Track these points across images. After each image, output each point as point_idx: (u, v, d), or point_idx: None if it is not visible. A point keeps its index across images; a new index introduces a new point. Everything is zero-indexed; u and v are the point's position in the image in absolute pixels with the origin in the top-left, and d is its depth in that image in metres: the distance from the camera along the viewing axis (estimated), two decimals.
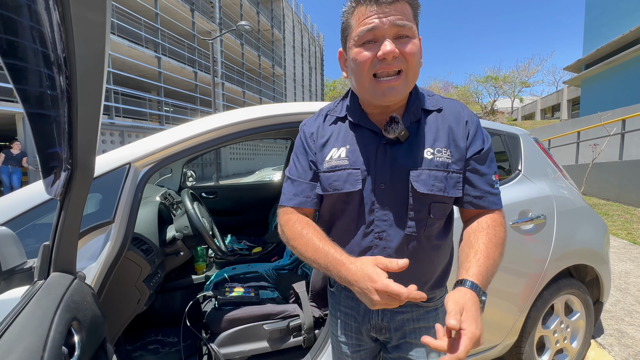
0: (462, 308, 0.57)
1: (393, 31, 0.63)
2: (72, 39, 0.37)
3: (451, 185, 0.71)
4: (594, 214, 1.84)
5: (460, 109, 0.76)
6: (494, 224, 0.71)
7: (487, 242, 0.67)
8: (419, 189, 0.69)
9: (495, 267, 0.67)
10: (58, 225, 0.71)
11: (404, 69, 0.66)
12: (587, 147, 7.50)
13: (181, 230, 1.64)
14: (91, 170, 0.70)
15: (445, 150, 0.71)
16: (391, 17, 0.63)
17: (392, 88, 0.66)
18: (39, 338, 0.50)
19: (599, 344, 1.99)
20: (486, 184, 0.73)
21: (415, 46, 0.65)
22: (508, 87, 32.96)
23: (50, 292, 0.64)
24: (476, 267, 0.64)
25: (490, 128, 1.68)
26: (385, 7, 0.63)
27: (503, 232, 0.71)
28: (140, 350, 1.59)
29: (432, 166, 0.70)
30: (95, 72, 0.44)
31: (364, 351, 0.87)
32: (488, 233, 0.69)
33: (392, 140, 0.72)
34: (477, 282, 0.62)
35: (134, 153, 1.11)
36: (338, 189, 0.73)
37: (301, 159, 0.79)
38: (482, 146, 0.73)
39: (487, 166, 0.73)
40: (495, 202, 0.73)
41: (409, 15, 0.65)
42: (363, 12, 0.65)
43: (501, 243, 0.70)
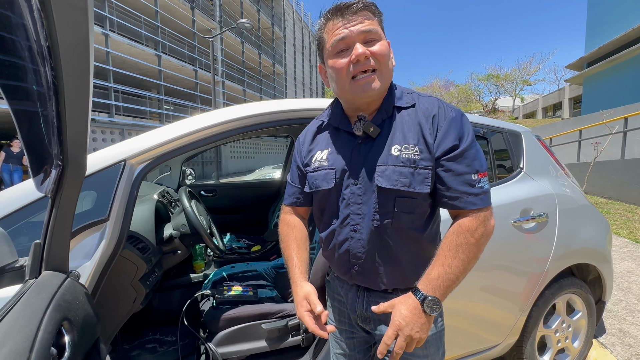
0: (393, 305, 0.72)
1: (361, 37, 0.71)
2: (53, 26, 0.35)
3: (418, 181, 0.73)
4: (597, 213, 1.82)
5: (433, 105, 0.77)
6: (459, 230, 0.72)
7: (445, 251, 0.71)
8: (382, 184, 0.74)
9: (454, 273, 0.70)
10: (49, 223, 0.70)
11: (377, 67, 0.73)
12: (589, 146, 7.45)
13: (178, 229, 1.62)
14: (83, 166, 0.69)
15: (412, 147, 0.73)
16: (358, 25, 0.71)
17: (369, 84, 0.73)
18: (26, 338, 0.49)
19: (601, 343, 1.97)
20: (463, 183, 0.72)
21: (384, 46, 0.73)
22: (509, 85, 32.81)
23: (40, 291, 0.63)
24: (425, 276, 0.72)
25: (491, 125, 1.66)
26: (351, 17, 0.71)
27: (470, 239, 0.71)
28: (138, 349, 1.58)
29: (398, 162, 0.73)
30: (81, 61, 0.42)
31: (357, 340, 0.92)
32: (450, 240, 0.72)
33: (366, 139, 0.78)
34: (420, 286, 0.71)
35: (130, 150, 1.09)
36: (318, 186, 0.82)
37: (294, 165, 0.93)
38: (454, 143, 0.72)
39: (465, 165, 0.72)
40: (473, 202, 0.72)
41: (373, 21, 0.73)
42: (332, 26, 0.73)
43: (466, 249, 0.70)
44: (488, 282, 1.41)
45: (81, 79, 0.45)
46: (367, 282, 0.82)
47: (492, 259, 1.41)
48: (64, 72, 0.41)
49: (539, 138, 1.84)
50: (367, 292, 0.84)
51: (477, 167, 0.73)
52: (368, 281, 0.82)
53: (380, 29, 0.74)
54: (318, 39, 0.79)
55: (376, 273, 0.79)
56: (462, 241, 0.70)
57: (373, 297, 0.83)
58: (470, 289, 1.37)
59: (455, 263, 0.70)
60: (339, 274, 0.88)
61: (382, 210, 0.75)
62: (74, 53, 0.40)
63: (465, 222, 0.72)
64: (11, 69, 0.44)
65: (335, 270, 0.90)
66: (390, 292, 0.82)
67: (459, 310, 1.37)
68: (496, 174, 1.58)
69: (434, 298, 0.69)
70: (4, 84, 0.45)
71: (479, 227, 0.71)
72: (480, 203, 0.72)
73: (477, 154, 0.74)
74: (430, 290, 0.69)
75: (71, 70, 0.42)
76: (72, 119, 0.54)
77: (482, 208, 0.72)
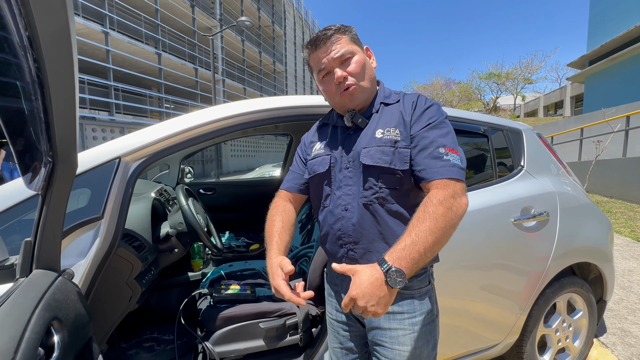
0: (355, 270, 0.70)
1: (337, 62, 0.85)
2: (31, 13, 0.33)
3: (398, 159, 0.80)
4: (598, 211, 1.80)
5: (414, 96, 0.88)
6: (428, 201, 0.73)
7: (413, 222, 0.71)
8: (366, 162, 0.82)
9: (422, 243, 0.68)
10: (40, 221, 0.69)
11: (357, 82, 0.86)
12: (590, 144, 7.42)
13: (175, 227, 1.61)
14: (74, 163, 0.67)
15: (394, 130, 0.83)
16: (331, 53, 0.84)
17: (353, 94, 0.86)
18: (11, 339, 0.47)
19: (602, 343, 1.96)
20: (429, 157, 0.77)
21: (358, 63, 0.85)
22: (511, 83, 32.66)
23: (30, 290, 0.61)
24: (392, 247, 0.70)
25: (492, 123, 1.65)
26: (324, 47, 0.85)
27: (438, 208, 0.70)
28: (135, 348, 1.58)
29: (381, 143, 0.82)
30: (63, 49, 0.40)
31: (354, 333, 0.95)
32: (419, 212, 0.72)
33: (355, 129, 0.89)
34: (385, 257, 0.69)
35: (125, 147, 1.08)
36: (315, 171, 0.93)
37: (296, 156, 1.04)
38: (428, 122, 0.81)
39: (430, 140, 0.78)
40: (439, 172, 0.75)
41: (343, 42, 0.85)
42: (314, 57, 0.88)
43: (433, 218, 0.69)
44: (488, 281, 1.40)
45: (65, 68, 0.43)
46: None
47: (492, 257, 1.40)
48: (47, 62, 0.40)
49: (540, 136, 1.82)
50: None
51: (445, 143, 0.78)
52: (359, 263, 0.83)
53: (352, 44, 0.86)
54: (307, 63, 0.94)
55: (366, 253, 0.84)
56: (430, 210, 0.70)
57: None
58: (470, 287, 1.36)
59: (422, 233, 0.68)
60: (332, 258, 0.92)
61: (368, 185, 0.83)
62: (56, 40, 0.38)
63: (433, 193, 0.73)
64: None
65: (329, 256, 0.95)
66: None
67: (459, 309, 1.36)
68: (497, 171, 1.56)
69: (398, 269, 0.66)
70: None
71: (447, 198, 0.72)
72: (446, 173, 0.74)
73: (446, 133, 0.80)
74: (396, 260, 0.67)
75: (54, 61, 0.41)
76: (60, 113, 0.52)
77: (450, 179, 0.74)
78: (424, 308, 0.85)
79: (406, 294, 0.85)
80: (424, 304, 0.85)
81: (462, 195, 0.74)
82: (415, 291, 0.85)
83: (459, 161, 0.77)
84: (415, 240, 0.68)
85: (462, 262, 1.33)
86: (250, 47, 20.91)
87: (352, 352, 0.96)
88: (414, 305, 0.84)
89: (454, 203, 0.72)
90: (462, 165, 0.77)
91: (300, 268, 1.78)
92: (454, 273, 1.31)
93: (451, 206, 0.71)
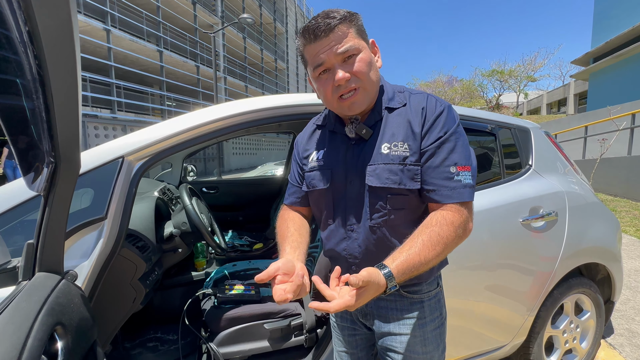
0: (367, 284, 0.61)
1: (339, 58, 0.72)
2: (30, 6, 0.31)
3: (408, 177, 0.73)
4: (606, 210, 1.77)
5: (422, 99, 0.77)
6: (442, 221, 0.70)
7: (426, 241, 0.68)
8: (372, 183, 0.74)
9: (424, 265, 0.67)
10: (43, 222, 0.67)
11: (360, 85, 0.74)
12: (595, 142, 7.35)
13: (179, 227, 1.59)
14: (77, 163, 0.66)
15: (402, 144, 0.74)
16: (333, 47, 0.71)
17: (354, 102, 0.75)
18: (13, 347, 0.46)
19: (609, 344, 1.94)
20: (440, 177, 0.72)
21: (363, 62, 0.73)
22: (514, 81, 32.42)
23: (32, 294, 0.60)
24: (402, 261, 0.66)
25: (499, 121, 1.62)
26: (325, 39, 0.71)
27: (448, 231, 0.69)
28: (139, 348, 1.57)
29: (388, 160, 0.74)
30: (65, 45, 0.38)
31: (360, 337, 0.92)
32: (431, 232, 0.69)
33: (359, 140, 0.79)
34: (395, 274, 0.64)
35: (128, 146, 1.06)
36: (315, 186, 0.83)
37: (294, 166, 0.93)
38: (439, 135, 0.73)
39: (441, 158, 0.72)
40: (449, 196, 0.71)
41: (348, 35, 0.72)
42: (310, 49, 0.73)
43: (442, 242, 0.68)
44: (496, 282, 1.38)
45: (67, 65, 0.41)
46: None
47: (500, 258, 1.38)
48: (48, 58, 0.37)
49: (548, 134, 1.79)
50: None
51: (456, 160, 0.72)
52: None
53: (358, 39, 0.73)
54: (300, 55, 0.79)
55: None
56: (445, 234, 0.68)
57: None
58: (477, 288, 1.34)
59: (430, 257, 0.67)
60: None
61: (375, 209, 0.76)
62: (57, 36, 0.36)
63: (449, 216, 0.70)
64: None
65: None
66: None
67: (465, 310, 1.34)
68: (504, 170, 1.53)
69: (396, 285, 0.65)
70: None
71: (461, 225, 0.70)
72: (457, 197, 0.71)
73: (456, 147, 0.73)
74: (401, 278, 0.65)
75: (56, 57, 0.39)
76: (62, 112, 0.50)
77: (461, 202, 0.71)
78: (434, 312, 0.83)
79: (415, 298, 0.82)
80: (433, 307, 0.83)
81: (471, 221, 0.74)
82: (424, 295, 0.83)
83: (470, 179, 0.73)
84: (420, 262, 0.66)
85: (469, 263, 1.31)
86: (252, 45, 20.85)
87: (357, 356, 0.94)
88: (424, 310, 0.82)
89: (465, 230, 0.71)
90: (473, 182, 0.73)
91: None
92: (461, 274, 1.29)
93: (462, 234, 0.71)
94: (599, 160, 6.66)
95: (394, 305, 0.82)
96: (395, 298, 0.82)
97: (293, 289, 0.65)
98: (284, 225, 0.86)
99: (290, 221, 0.87)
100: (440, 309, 0.85)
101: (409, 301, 0.82)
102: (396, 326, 0.82)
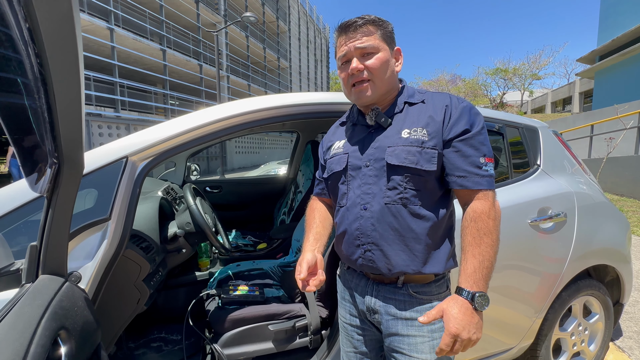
0: (442, 311, 0.72)
1: (358, 52, 0.82)
2: (31, 2, 0.30)
3: (425, 159, 0.78)
4: (616, 211, 1.74)
5: (445, 97, 0.84)
6: (477, 216, 0.75)
7: (471, 241, 0.74)
8: (392, 161, 0.80)
9: (488, 259, 0.72)
10: (46, 224, 0.66)
11: (371, 78, 0.82)
12: (600, 141, 7.27)
13: (183, 227, 1.58)
14: (80, 164, 0.64)
15: (421, 130, 0.80)
16: (356, 42, 0.81)
17: (363, 92, 0.83)
18: (16, 355, 0.45)
19: (618, 347, 1.91)
20: (471, 165, 0.78)
21: (378, 60, 0.81)
22: (518, 79, 32.15)
23: (35, 298, 0.59)
24: (462, 272, 0.73)
25: (507, 120, 1.59)
26: (352, 34, 0.82)
27: (488, 222, 0.74)
28: (143, 348, 1.56)
29: (407, 143, 0.80)
30: (67, 43, 0.37)
31: (368, 337, 0.92)
32: (471, 229, 0.75)
33: (377, 128, 0.86)
34: (462, 285, 0.72)
35: (132, 146, 1.05)
36: (332, 170, 0.91)
37: (320, 163, 1.03)
38: (465, 127, 0.79)
39: (474, 148, 0.78)
40: (480, 183, 0.77)
41: (372, 36, 0.82)
42: (339, 41, 0.85)
43: (488, 232, 0.74)
44: (503, 284, 1.35)
45: (69, 64, 0.40)
46: (375, 269, 0.82)
47: (508, 259, 1.35)
48: (49, 57, 0.36)
49: (556, 133, 1.76)
50: (376, 286, 0.85)
51: (485, 152, 0.79)
52: (376, 266, 0.82)
53: (381, 41, 0.82)
54: (334, 47, 0.90)
55: (384, 255, 0.81)
56: (482, 226, 0.74)
57: (382, 291, 0.84)
58: None
59: (484, 250, 0.72)
60: (348, 261, 0.89)
61: (392, 185, 0.80)
62: (58, 34, 0.35)
63: (478, 206, 0.76)
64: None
65: (344, 258, 0.91)
66: (400, 287, 0.82)
67: None
68: (512, 170, 1.51)
69: (482, 293, 0.70)
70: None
71: (491, 209, 0.76)
72: (487, 184, 0.77)
73: (485, 140, 0.80)
74: (475, 286, 0.71)
75: (57, 56, 0.37)
76: (64, 111, 0.49)
77: (488, 190, 0.77)
78: None
79: (425, 299, 0.82)
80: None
81: (496, 200, 0.79)
82: (433, 296, 0.82)
83: (492, 170, 0.79)
84: (481, 260, 0.72)
85: None
86: (255, 43, 20.83)
87: (366, 357, 0.93)
88: None
89: (495, 212, 0.76)
90: (494, 173, 0.80)
91: None
92: None
93: (495, 216, 0.76)
94: (605, 160, 6.59)
95: (402, 305, 0.82)
96: (404, 298, 0.82)
97: (316, 284, 0.80)
98: (311, 215, 0.97)
99: (317, 212, 0.97)
100: None
101: (418, 302, 0.81)
102: (404, 327, 0.81)
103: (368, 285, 0.87)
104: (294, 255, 1.94)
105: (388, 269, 0.80)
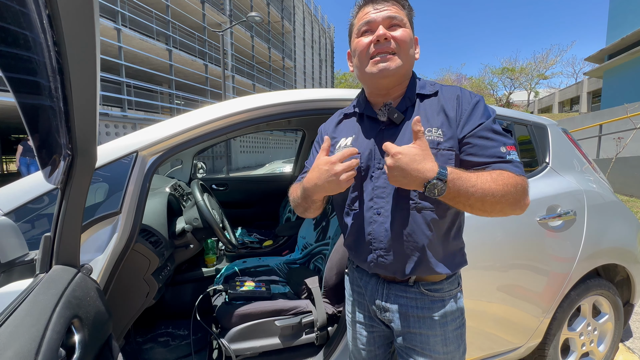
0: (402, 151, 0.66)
1: (386, 22, 0.76)
2: None
3: (442, 161, 0.73)
4: (626, 210, 1.72)
5: (455, 89, 0.80)
6: (509, 175, 0.69)
7: (486, 175, 0.68)
8: None
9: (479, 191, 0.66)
10: (59, 215, 0.67)
11: (397, 51, 0.76)
12: (609, 141, 7.15)
13: (191, 222, 1.60)
14: (93, 156, 0.65)
15: (436, 130, 0.75)
16: (384, 11, 0.76)
17: (387, 67, 0.75)
18: (32, 340, 0.45)
19: (628, 347, 1.88)
20: (493, 155, 0.72)
21: (407, 33, 0.76)
22: (525, 79, 31.81)
23: (50, 287, 0.60)
24: (459, 171, 0.67)
25: (515, 118, 1.58)
26: (379, 4, 0.77)
27: (508, 184, 0.67)
28: (150, 343, 1.58)
29: None
30: (86, 32, 0.37)
31: (377, 334, 0.90)
32: (492, 173, 0.69)
33: (389, 125, 0.80)
34: (448, 171, 0.65)
35: (142, 141, 1.06)
36: None
37: (314, 152, 0.94)
38: (480, 121, 0.75)
39: (492, 139, 0.73)
40: (506, 168, 0.71)
41: (401, 12, 0.77)
42: (363, 12, 0.79)
43: (502, 183, 0.67)
44: (511, 282, 1.34)
45: (87, 54, 0.40)
46: (388, 271, 0.81)
47: (516, 257, 1.34)
48: (67, 44, 0.36)
49: (565, 131, 1.74)
50: (387, 284, 0.84)
51: (504, 141, 0.74)
52: (388, 270, 0.80)
53: (407, 20, 0.78)
54: (350, 24, 0.84)
55: (397, 260, 0.78)
56: (505, 181, 0.67)
57: (393, 289, 0.83)
58: (491, 289, 1.31)
59: (488, 188, 0.66)
60: (359, 262, 0.87)
61: (406, 192, 0.76)
62: (77, 18, 0.35)
63: (513, 176, 0.69)
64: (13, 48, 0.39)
65: (355, 259, 0.89)
66: (411, 285, 0.81)
67: (479, 311, 1.31)
68: None
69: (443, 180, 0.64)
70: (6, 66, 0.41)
71: (523, 185, 0.69)
72: (515, 170, 0.70)
73: (499, 130, 0.76)
74: (451, 174, 0.65)
75: (76, 42, 0.38)
76: (80, 104, 0.50)
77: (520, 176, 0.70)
78: (455, 312, 0.81)
79: (436, 296, 0.81)
80: (454, 307, 0.82)
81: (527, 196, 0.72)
82: (445, 294, 0.81)
83: (518, 157, 0.74)
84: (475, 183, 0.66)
85: (483, 263, 1.29)
86: (260, 43, 20.89)
87: (374, 354, 0.93)
88: (445, 309, 0.80)
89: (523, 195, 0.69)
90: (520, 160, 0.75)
91: (315, 265, 1.76)
92: (475, 274, 1.27)
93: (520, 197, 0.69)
94: (614, 160, 6.49)
95: (414, 303, 0.81)
96: (416, 296, 0.81)
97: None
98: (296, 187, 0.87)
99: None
100: (461, 309, 0.83)
101: (430, 299, 0.80)
102: (416, 325, 0.80)
103: (379, 284, 0.85)
104: (300, 252, 1.95)
105: (401, 272, 0.79)
